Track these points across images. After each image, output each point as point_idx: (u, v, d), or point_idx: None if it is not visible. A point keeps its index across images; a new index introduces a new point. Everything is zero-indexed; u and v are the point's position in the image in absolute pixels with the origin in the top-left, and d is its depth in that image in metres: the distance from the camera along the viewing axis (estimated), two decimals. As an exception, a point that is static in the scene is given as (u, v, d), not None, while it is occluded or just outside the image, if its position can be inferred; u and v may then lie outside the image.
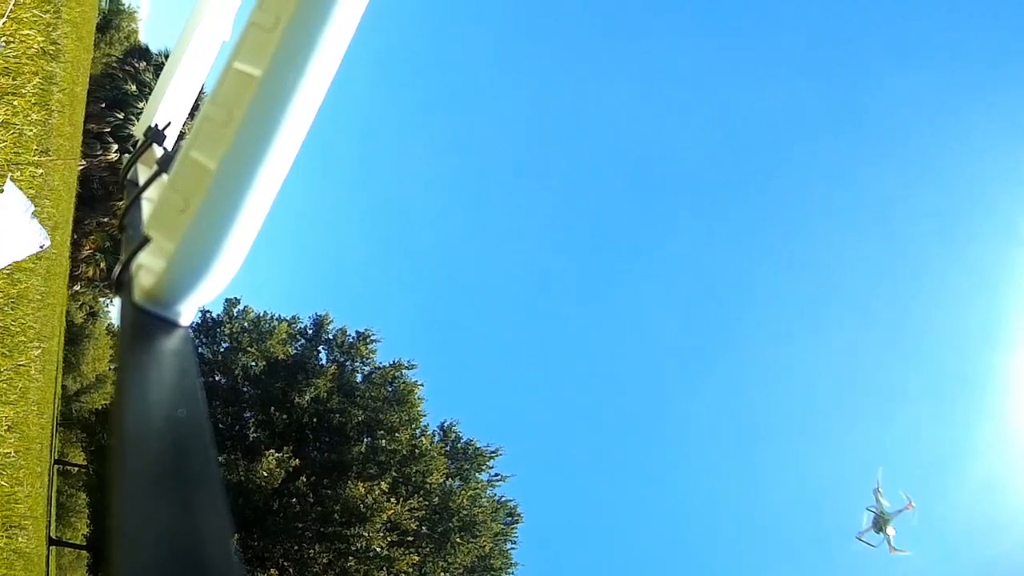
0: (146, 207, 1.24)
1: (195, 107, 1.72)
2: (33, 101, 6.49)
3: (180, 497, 0.66)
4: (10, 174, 6.21)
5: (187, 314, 0.97)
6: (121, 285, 1.02)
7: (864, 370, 70.89)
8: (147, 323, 0.94)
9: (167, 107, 1.90)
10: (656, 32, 74.86)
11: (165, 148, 1.72)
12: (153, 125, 1.80)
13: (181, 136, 1.78)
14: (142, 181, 1.37)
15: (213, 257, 0.92)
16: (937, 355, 65.98)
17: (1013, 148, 61.81)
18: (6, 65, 6.03)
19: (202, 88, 2.00)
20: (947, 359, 64.20)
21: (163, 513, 0.64)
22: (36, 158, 6.76)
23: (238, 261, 0.95)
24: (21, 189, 6.23)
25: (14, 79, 6.15)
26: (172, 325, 0.96)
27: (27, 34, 6.25)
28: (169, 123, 1.80)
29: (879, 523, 37.14)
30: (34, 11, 6.51)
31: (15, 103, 6.18)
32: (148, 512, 0.63)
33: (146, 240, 0.99)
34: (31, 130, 6.58)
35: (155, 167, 1.33)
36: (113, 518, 0.61)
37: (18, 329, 7.29)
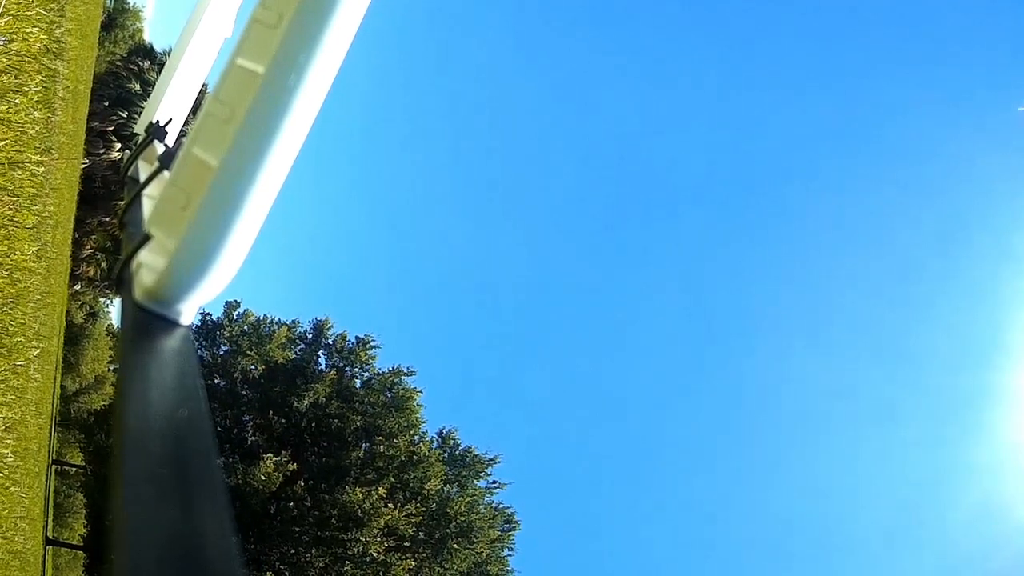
0: (147, 204, 1.22)
1: (197, 104, 1.71)
2: (36, 99, 6.49)
3: (181, 497, 0.65)
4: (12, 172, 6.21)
5: (188, 313, 0.95)
6: (121, 283, 1.00)
7: (861, 387, 70.86)
8: (148, 322, 0.92)
9: (169, 103, 1.89)
10: (662, 43, 75.08)
11: (167, 145, 1.70)
12: (155, 121, 1.78)
13: (183, 133, 1.77)
14: (143, 178, 1.36)
15: (215, 255, 0.90)
16: (934, 373, 65.78)
17: (1012, 166, 61.78)
18: (9, 63, 6.03)
19: (204, 85, 1.99)
20: (945, 377, 64.02)
21: (164, 514, 0.63)
22: (38, 156, 6.76)
23: (240, 259, 0.93)
24: (22, 187, 6.22)
25: (16, 77, 6.15)
26: (173, 324, 0.94)
27: (30, 32, 6.26)
28: (171, 119, 1.79)
29: None
30: (38, 9, 6.52)
31: (17, 101, 6.17)
32: (149, 513, 0.62)
33: (147, 237, 0.98)
34: (33, 128, 6.57)
35: (156, 164, 1.32)
36: (114, 518, 0.60)
37: (16, 329, 7.27)
